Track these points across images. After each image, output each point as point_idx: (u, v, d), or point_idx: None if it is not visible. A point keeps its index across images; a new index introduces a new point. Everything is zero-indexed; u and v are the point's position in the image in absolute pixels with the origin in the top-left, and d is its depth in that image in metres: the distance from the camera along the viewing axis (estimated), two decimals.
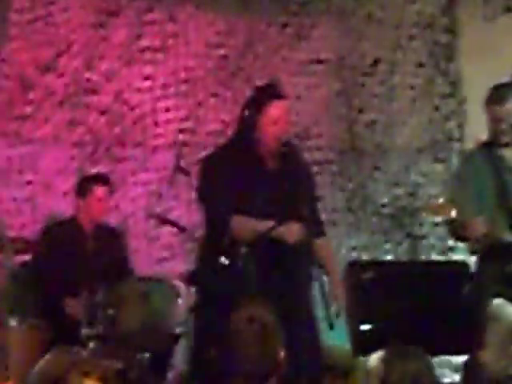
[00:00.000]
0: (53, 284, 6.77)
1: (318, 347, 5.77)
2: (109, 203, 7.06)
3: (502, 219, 5.96)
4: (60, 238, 6.97)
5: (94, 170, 7.50)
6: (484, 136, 6.37)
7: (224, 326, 3.82)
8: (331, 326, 5.49)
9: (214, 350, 4.20)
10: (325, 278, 5.61)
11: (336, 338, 5.97)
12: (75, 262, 6.80)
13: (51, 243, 6.90)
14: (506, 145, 6.12)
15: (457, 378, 6.21)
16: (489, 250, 6.03)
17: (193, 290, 6.21)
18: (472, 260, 6.44)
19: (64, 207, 7.25)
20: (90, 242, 6.96)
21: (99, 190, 6.94)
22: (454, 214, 5.81)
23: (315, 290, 5.57)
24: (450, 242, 7.67)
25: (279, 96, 5.76)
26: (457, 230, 6.02)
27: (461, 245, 6.75)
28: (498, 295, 5.92)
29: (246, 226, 5.58)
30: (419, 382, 3.83)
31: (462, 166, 6.67)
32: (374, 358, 4.11)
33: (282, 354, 3.71)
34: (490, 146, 6.22)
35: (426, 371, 3.91)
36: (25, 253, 6.85)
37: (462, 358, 6.29)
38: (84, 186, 6.97)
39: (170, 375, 6.76)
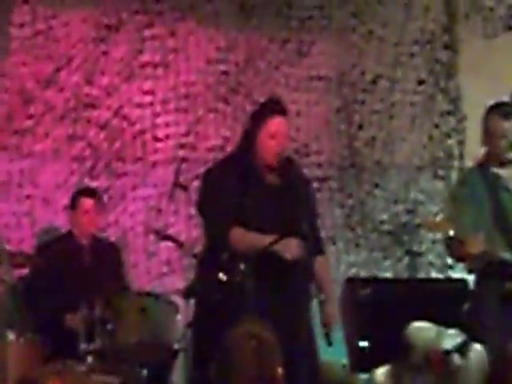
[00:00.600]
0: (51, 298, 6.82)
1: (316, 364, 5.80)
2: (97, 215, 7.13)
3: (499, 237, 6.00)
4: (57, 252, 7.03)
5: (93, 185, 7.54)
6: (478, 154, 6.43)
7: (222, 343, 3.83)
8: (329, 342, 5.54)
9: (211, 367, 4.21)
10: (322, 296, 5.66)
11: (334, 354, 5.99)
12: (72, 275, 6.87)
13: (48, 258, 6.92)
14: (504, 163, 6.15)
15: None
16: (487, 269, 6.06)
17: (191, 305, 6.25)
18: (471, 278, 6.47)
19: (63, 222, 7.27)
20: (87, 255, 7.05)
21: (86, 202, 7.05)
22: (451, 232, 5.85)
23: (314, 307, 5.62)
24: (449, 260, 7.69)
25: (279, 111, 5.82)
26: (454, 247, 6.05)
27: (459, 263, 6.77)
28: (497, 313, 6.00)
29: (245, 239, 5.63)
30: None
31: (459, 186, 6.70)
32: (381, 374, 4.13)
33: (280, 371, 3.72)
34: (486, 165, 6.24)
35: None
36: (23, 267, 6.87)
37: None
38: (73, 199, 7.11)
39: None
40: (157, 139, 7.88)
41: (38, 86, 7.62)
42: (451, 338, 5.63)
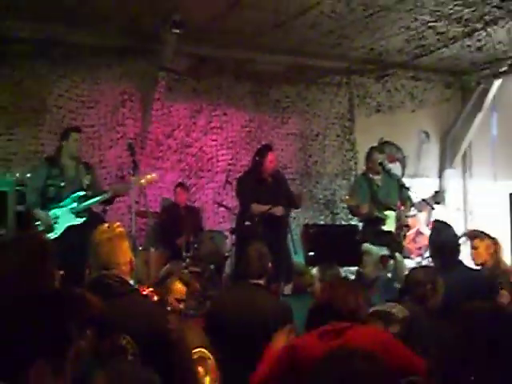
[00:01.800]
0: (168, 232, 6.82)
1: (290, 262, 5.84)
2: (184, 194, 7.09)
3: (374, 206, 6.00)
4: (169, 211, 7.05)
5: (188, 182, 7.54)
6: (363, 168, 6.44)
7: (244, 252, 3.85)
8: (295, 252, 5.55)
9: (239, 264, 4.24)
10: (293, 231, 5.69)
11: (298, 258, 6.00)
12: (177, 222, 6.79)
13: (166, 214, 6.99)
14: (376, 173, 6.16)
15: (352, 276, 6.20)
16: (368, 219, 6.07)
17: (233, 237, 6.28)
18: (360, 224, 6.46)
19: (173, 197, 7.24)
20: (183, 213, 6.99)
21: (179, 189, 7.06)
22: (353, 203, 5.87)
23: (289, 235, 5.64)
24: (350, 216, 7.68)
25: (271, 149, 5.88)
26: (354, 210, 6.08)
27: (355, 218, 6.76)
28: (372, 242, 6.00)
29: (257, 208, 5.70)
30: (340, 279, 3.87)
31: (354, 183, 6.76)
32: (316, 268, 4.12)
33: (270, 264, 3.73)
34: (367, 174, 6.24)
35: (340, 274, 3.95)
36: (156, 218, 6.89)
37: (354, 268, 6.28)
38: (175, 187, 7.12)
39: (224, 275, 6.76)
40: (218, 161, 7.86)
41: (164, 138, 7.60)
42: (383, 251, 5.67)
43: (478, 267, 4.66)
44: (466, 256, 4.60)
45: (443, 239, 4.23)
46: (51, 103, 6.94)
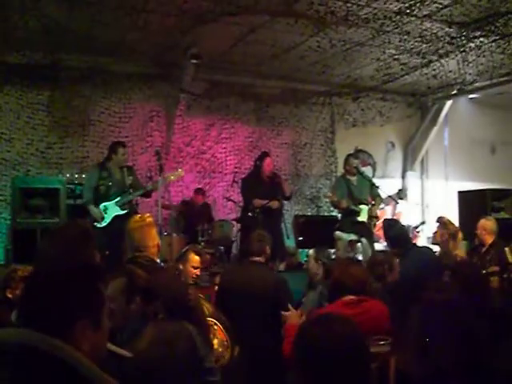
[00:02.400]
0: (187, 221, 6.77)
1: (283, 245, 5.83)
2: (203, 199, 7.04)
3: (350, 201, 5.97)
4: (188, 205, 7.01)
5: (203, 183, 7.49)
6: (342, 171, 6.40)
7: (247, 237, 3.83)
8: (288, 237, 5.54)
9: (243, 246, 4.21)
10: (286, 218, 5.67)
11: (290, 242, 6.00)
12: (193, 214, 6.77)
13: (185, 207, 6.93)
14: (352, 175, 6.12)
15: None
16: (346, 212, 6.04)
17: (238, 225, 6.25)
18: (339, 215, 6.43)
19: (192, 196, 7.23)
20: (198, 207, 6.94)
21: (198, 196, 7.00)
22: (335, 199, 5.84)
23: (282, 224, 5.62)
24: (332, 209, 7.65)
25: (268, 155, 5.87)
26: (335, 204, 6.05)
27: (336, 210, 6.73)
28: (348, 230, 5.94)
29: (257, 202, 5.67)
30: (348, 259, 3.88)
31: (335, 182, 6.70)
32: (312, 250, 4.08)
33: (268, 248, 3.70)
34: (345, 176, 6.24)
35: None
36: (178, 210, 6.83)
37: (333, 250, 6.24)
38: (195, 191, 7.05)
39: (231, 255, 6.71)
40: (226, 165, 7.84)
41: (184, 146, 7.59)
42: (352, 236, 5.64)
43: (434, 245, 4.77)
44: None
45: (394, 232, 4.30)
46: (94, 118, 7.02)
